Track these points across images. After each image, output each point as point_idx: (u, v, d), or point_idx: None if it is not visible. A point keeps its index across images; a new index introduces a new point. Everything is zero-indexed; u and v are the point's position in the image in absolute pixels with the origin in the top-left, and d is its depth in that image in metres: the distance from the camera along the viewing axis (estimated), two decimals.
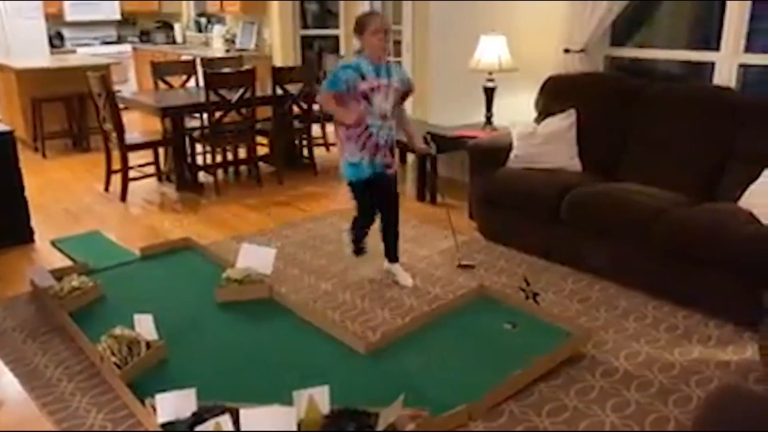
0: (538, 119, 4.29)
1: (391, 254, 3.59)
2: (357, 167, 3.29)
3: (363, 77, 3.15)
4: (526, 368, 2.60)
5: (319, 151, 6.11)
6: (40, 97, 6.54)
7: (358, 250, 3.65)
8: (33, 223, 4.30)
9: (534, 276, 3.57)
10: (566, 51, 4.38)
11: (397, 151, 3.48)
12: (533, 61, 4.60)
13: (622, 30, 4.51)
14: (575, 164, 3.98)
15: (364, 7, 7.09)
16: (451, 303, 3.26)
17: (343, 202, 5.02)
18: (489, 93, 4.75)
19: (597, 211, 3.46)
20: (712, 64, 3.98)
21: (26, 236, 4.24)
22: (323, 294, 3.47)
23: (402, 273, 3.56)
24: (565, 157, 3.98)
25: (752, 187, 3.17)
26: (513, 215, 3.91)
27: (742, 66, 3.87)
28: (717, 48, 3.94)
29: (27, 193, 4.25)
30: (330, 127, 6.27)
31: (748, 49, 3.83)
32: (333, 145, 6.30)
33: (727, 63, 3.90)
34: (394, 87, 3.24)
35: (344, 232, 3.74)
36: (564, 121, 4.05)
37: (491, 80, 4.70)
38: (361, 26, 3.16)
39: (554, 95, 4.28)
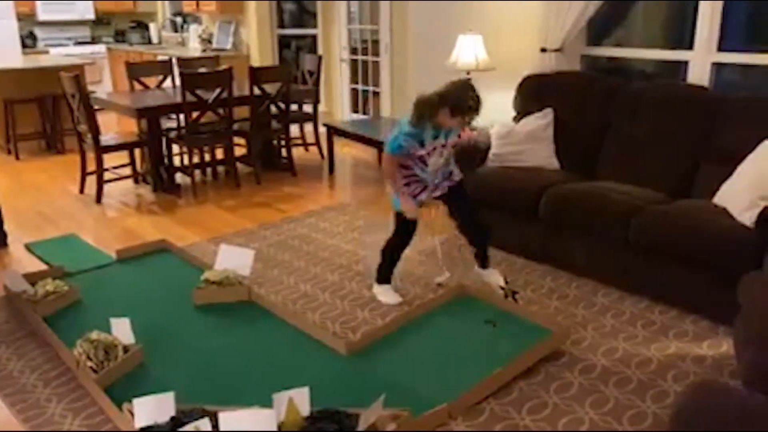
0: (516, 118, 4.31)
1: (481, 261, 3.48)
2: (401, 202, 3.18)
3: (422, 144, 3.05)
4: (506, 366, 2.61)
5: (297, 152, 6.08)
6: (13, 98, 6.42)
7: (386, 279, 3.40)
8: (6, 227, 4.22)
9: (513, 274, 3.59)
10: (543, 50, 4.42)
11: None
12: (510, 60, 4.63)
13: (599, 29, 4.56)
14: (553, 163, 4.01)
15: (340, 8, 7.08)
16: (431, 302, 3.26)
17: (321, 202, 5.01)
18: None
19: (574, 209, 3.48)
20: (686, 62, 4.03)
21: None
22: (303, 295, 3.45)
23: (495, 275, 3.46)
24: (543, 155, 4.01)
25: (726, 184, 3.22)
26: (492, 214, 3.91)
27: (715, 64, 3.93)
28: (691, 47, 3.99)
29: None
30: (308, 127, 6.25)
31: (721, 47, 3.89)
32: (312, 144, 6.28)
33: (700, 62, 3.95)
34: (450, 144, 3.15)
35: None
36: (541, 120, 4.08)
37: (469, 79, 4.71)
38: (446, 100, 2.94)
39: (531, 94, 4.31)
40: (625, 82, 4.05)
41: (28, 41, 8.98)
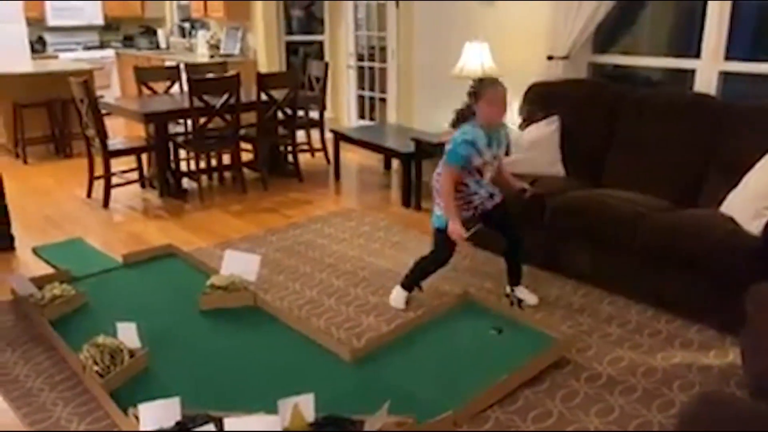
0: (522, 126, 4.32)
1: (515, 277, 3.43)
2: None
3: (479, 152, 3.06)
4: (512, 374, 2.60)
5: (303, 157, 6.10)
6: (22, 102, 6.47)
7: (410, 287, 3.40)
8: (14, 230, 4.25)
9: None
10: (549, 58, 4.42)
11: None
12: (517, 68, 4.63)
13: (606, 37, 4.56)
14: (559, 170, 4.01)
15: (348, 13, 7.12)
16: (436, 309, 3.26)
17: (327, 207, 5.02)
18: None
19: (580, 216, 3.48)
20: (693, 71, 4.03)
21: (6, 244, 4.19)
22: (308, 301, 3.46)
23: (527, 293, 3.41)
24: (549, 163, 4.01)
25: (733, 193, 3.21)
26: None
27: (722, 73, 3.92)
28: (698, 55, 3.99)
29: (7, 199, 4.20)
30: (314, 133, 6.27)
31: (728, 56, 3.89)
32: (318, 150, 6.30)
33: (707, 70, 3.95)
34: (501, 155, 3.20)
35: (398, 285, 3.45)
36: (547, 128, 4.08)
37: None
38: (477, 93, 3.02)
39: (538, 102, 4.32)
40: (631, 89, 4.05)
41: (38, 46, 9.04)
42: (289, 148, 5.91)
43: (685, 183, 3.60)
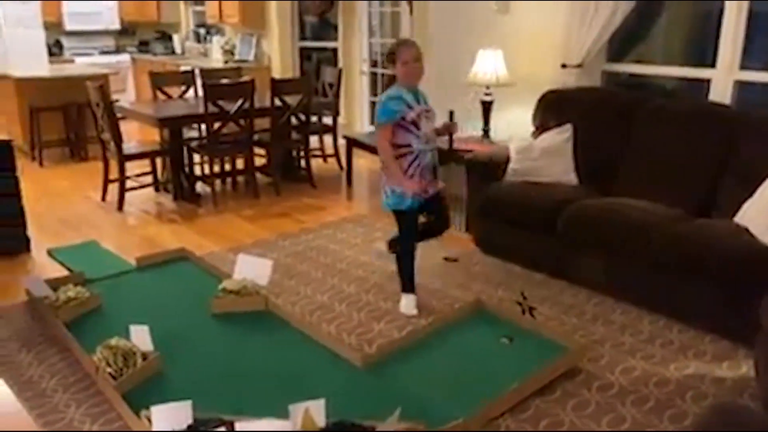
0: (536, 133, 4.31)
1: (424, 235, 3.49)
2: (402, 196, 3.22)
3: (409, 106, 3.17)
4: (523, 383, 2.60)
5: (316, 163, 6.12)
6: (39, 106, 6.55)
7: (410, 287, 3.41)
8: (29, 232, 4.30)
9: (530, 290, 3.57)
10: (564, 66, 4.42)
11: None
12: (531, 75, 4.63)
13: (620, 45, 4.55)
14: (572, 178, 4.01)
15: (362, 20, 7.15)
16: (448, 316, 3.26)
17: (339, 213, 5.03)
18: (486, 107, 4.78)
19: (593, 225, 3.47)
20: (708, 80, 4.01)
21: (23, 245, 4.24)
22: (320, 306, 3.46)
23: (411, 304, 3.41)
24: (562, 171, 4.00)
25: (748, 203, 3.19)
26: (510, 229, 3.92)
27: (738, 82, 3.91)
28: (713, 65, 3.98)
29: (24, 202, 4.25)
30: (327, 139, 6.29)
31: (744, 66, 3.87)
32: (330, 156, 6.32)
33: (722, 79, 3.93)
34: (432, 111, 3.31)
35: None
36: (561, 136, 4.08)
37: (488, 94, 4.73)
38: (393, 57, 3.19)
39: (551, 110, 4.31)
40: (645, 98, 4.04)
41: (55, 50, 9.15)
42: (302, 154, 5.94)
43: (699, 193, 3.58)
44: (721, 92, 3.94)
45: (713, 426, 1.59)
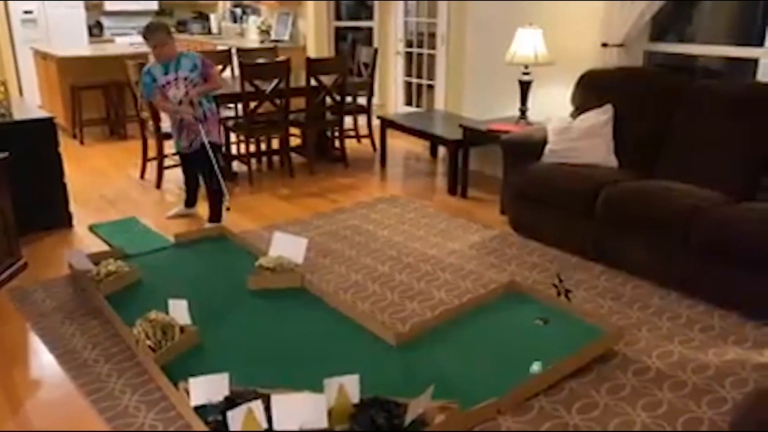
0: (575, 114, 4.24)
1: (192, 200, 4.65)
2: (177, 144, 4.35)
3: (155, 80, 4.11)
4: (557, 364, 2.58)
5: (349, 143, 6.12)
6: (80, 85, 6.66)
7: (188, 201, 4.64)
8: (72, 208, 4.40)
9: (566, 272, 3.53)
10: (604, 45, 4.32)
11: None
12: (570, 55, 4.54)
13: (663, 24, 4.43)
14: (611, 160, 3.93)
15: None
16: (482, 297, 3.25)
17: (372, 193, 5.03)
18: (524, 87, 4.70)
19: (633, 208, 3.41)
20: (756, 60, 3.88)
21: (65, 221, 4.35)
22: (353, 284, 3.48)
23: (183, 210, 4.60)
24: (601, 152, 3.93)
25: None
26: (546, 210, 3.88)
27: None
28: (761, 44, 3.84)
29: (66, 178, 4.35)
30: (361, 119, 6.29)
31: None
32: (365, 137, 6.31)
33: None
34: (182, 77, 4.08)
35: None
36: (601, 117, 4.00)
37: (527, 74, 4.65)
38: (145, 41, 4.12)
39: (591, 90, 4.23)
40: (689, 79, 3.93)
41: (95, 30, 9.29)
42: (336, 134, 5.94)
43: (743, 176, 3.47)
44: None
45: (757, 410, 1.56)
